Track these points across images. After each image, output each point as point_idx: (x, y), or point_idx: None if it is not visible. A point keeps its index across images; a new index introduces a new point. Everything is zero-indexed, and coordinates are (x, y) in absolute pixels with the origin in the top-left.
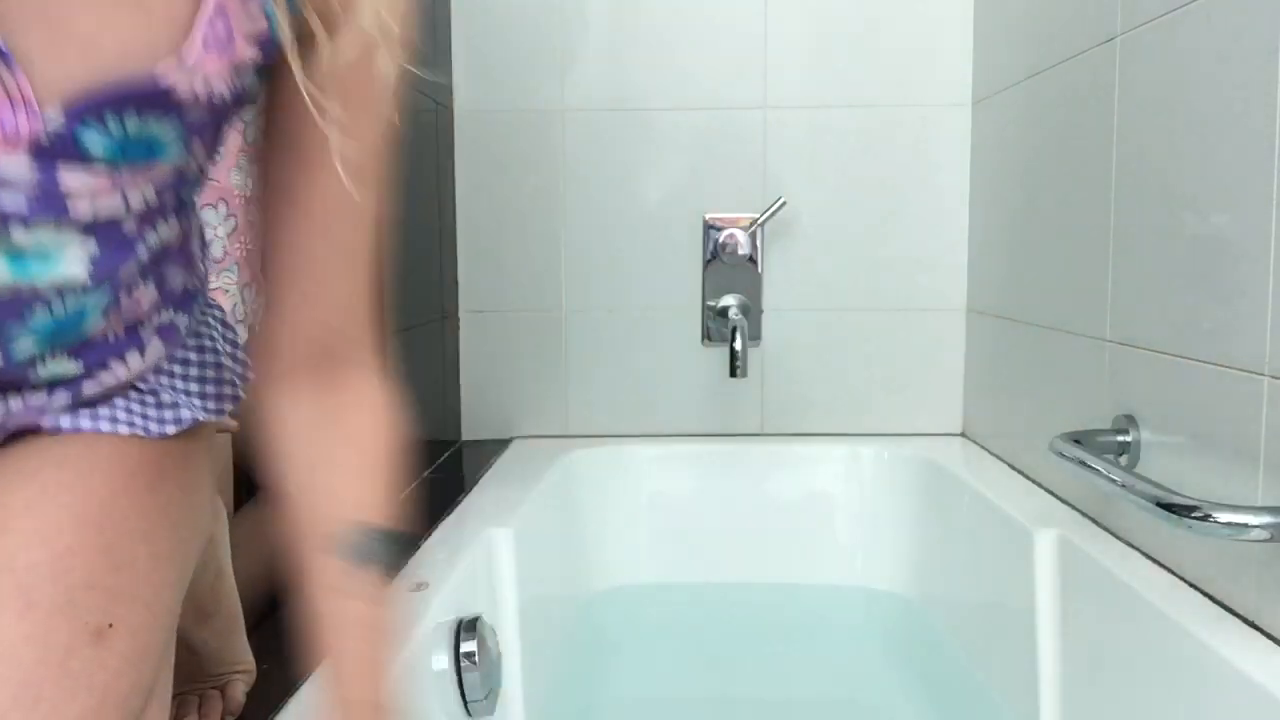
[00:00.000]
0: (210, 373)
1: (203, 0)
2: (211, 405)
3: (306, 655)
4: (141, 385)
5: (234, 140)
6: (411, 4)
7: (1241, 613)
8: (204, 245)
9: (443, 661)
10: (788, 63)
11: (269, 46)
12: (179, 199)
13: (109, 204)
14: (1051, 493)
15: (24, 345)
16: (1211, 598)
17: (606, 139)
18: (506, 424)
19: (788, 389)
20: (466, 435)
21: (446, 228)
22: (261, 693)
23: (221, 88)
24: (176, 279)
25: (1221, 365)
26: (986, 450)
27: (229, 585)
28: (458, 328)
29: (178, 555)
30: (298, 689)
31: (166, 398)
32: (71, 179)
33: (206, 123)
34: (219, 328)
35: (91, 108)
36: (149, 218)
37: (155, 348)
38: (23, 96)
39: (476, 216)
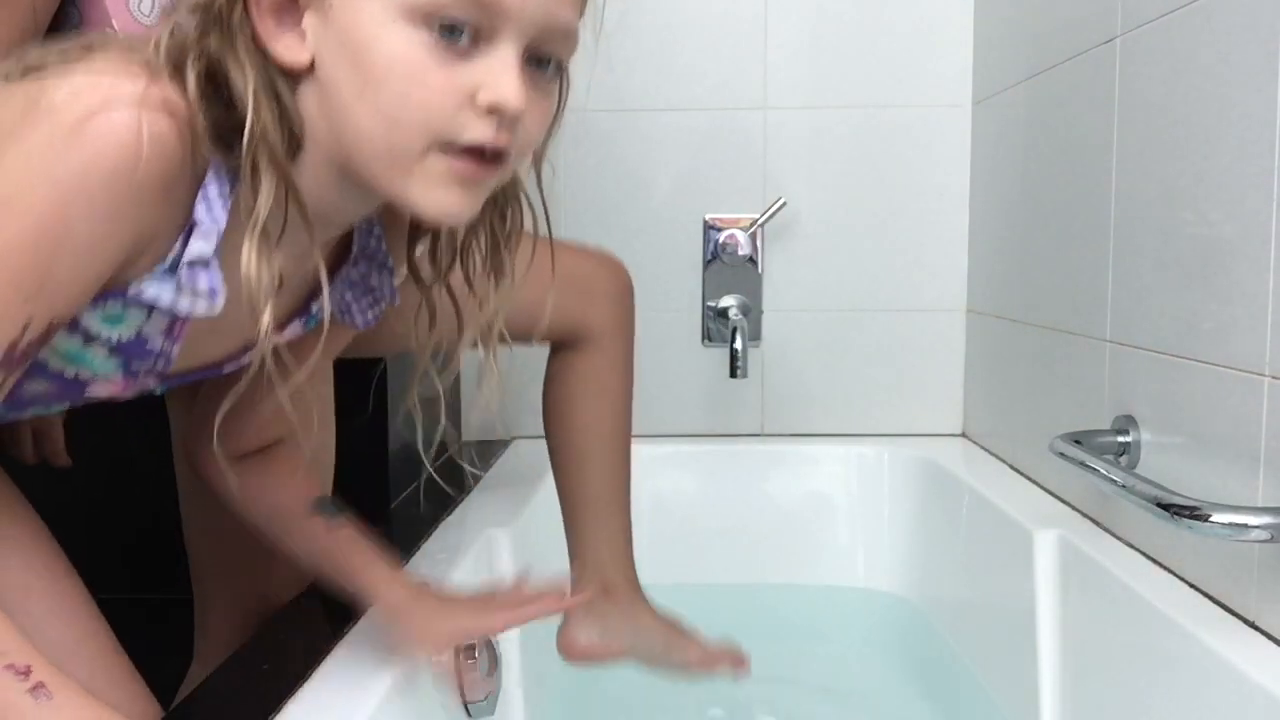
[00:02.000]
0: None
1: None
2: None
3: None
4: None
5: None
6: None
7: (1241, 613)
8: None
9: (443, 662)
10: (788, 63)
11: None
12: None
13: None
14: (1051, 493)
15: None
16: (1211, 598)
17: (606, 139)
18: (506, 424)
19: (788, 389)
20: (466, 435)
21: None
22: (262, 692)
23: None
24: None
25: (1221, 365)
26: (986, 451)
27: None
28: None
29: None
30: (298, 690)
31: None
32: None
33: None
34: None
35: None
36: None
37: None
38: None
39: None
